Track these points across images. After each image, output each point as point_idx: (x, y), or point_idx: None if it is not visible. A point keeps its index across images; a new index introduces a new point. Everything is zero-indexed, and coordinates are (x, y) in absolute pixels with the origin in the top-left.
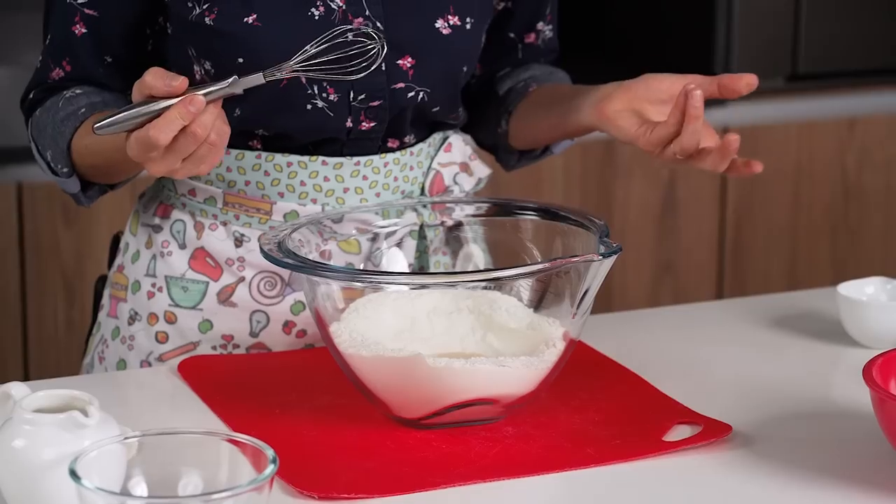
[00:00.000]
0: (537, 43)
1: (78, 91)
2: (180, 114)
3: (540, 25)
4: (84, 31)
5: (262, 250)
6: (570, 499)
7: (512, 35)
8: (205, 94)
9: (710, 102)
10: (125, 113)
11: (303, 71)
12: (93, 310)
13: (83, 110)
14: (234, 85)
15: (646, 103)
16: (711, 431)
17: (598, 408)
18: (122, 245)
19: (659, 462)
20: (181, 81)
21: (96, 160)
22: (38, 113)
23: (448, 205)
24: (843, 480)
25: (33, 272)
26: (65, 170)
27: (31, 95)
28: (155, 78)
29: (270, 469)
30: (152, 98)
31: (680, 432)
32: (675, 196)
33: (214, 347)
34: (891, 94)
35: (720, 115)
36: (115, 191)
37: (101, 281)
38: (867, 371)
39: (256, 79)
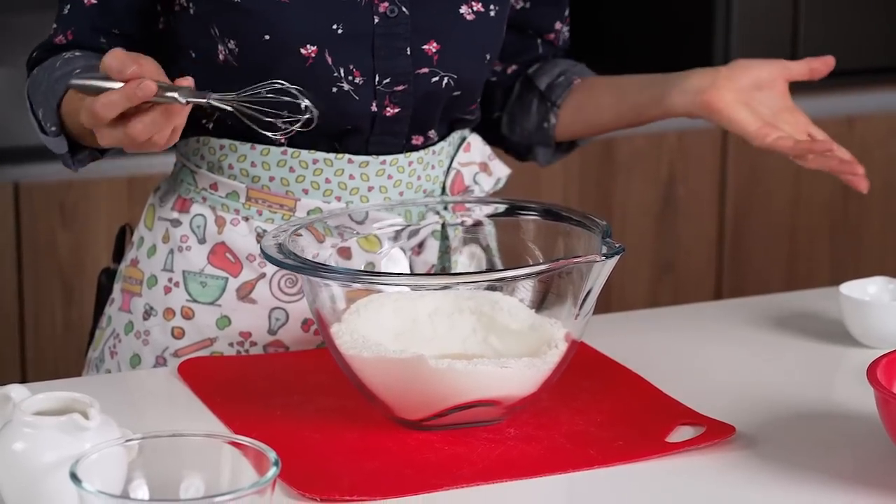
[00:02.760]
0: (558, 43)
1: (77, 53)
2: (126, 95)
3: (558, 25)
4: (94, 1)
5: (262, 251)
6: (572, 500)
7: (531, 32)
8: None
9: None
10: (97, 81)
11: (243, 107)
12: (96, 302)
13: (78, 71)
14: (182, 94)
15: (754, 92)
16: (714, 432)
17: (600, 409)
18: (135, 239)
19: (662, 463)
20: (132, 71)
21: (74, 120)
22: (36, 71)
23: (467, 205)
24: (847, 481)
25: (31, 272)
26: (53, 128)
27: (33, 54)
28: (112, 59)
29: (273, 471)
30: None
31: (683, 433)
32: (674, 195)
33: (231, 344)
34: (890, 93)
35: None
36: (103, 158)
37: (105, 273)
38: (871, 371)
39: (202, 97)
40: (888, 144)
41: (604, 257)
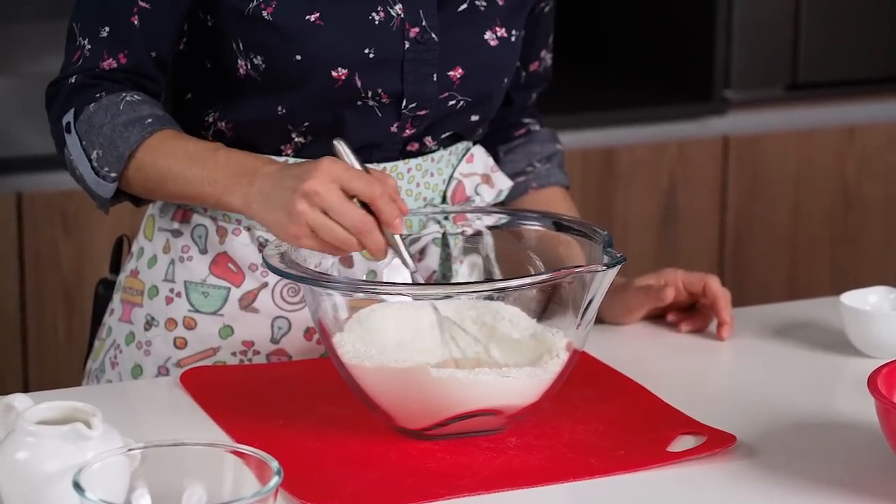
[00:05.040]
0: (539, 70)
1: (137, 97)
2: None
3: (543, 53)
4: (138, 23)
5: (264, 260)
6: None
7: (517, 64)
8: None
9: (709, 111)
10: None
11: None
12: (93, 313)
13: (149, 120)
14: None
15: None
16: (716, 442)
17: (601, 418)
18: (134, 249)
19: (663, 472)
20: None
21: (167, 182)
22: (91, 108)
23: (468, 215)
24: (847, 491)
25: (33, 282)
26: (112, 174)
27: (72, 80)
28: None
29: (275, 481)
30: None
31: (684, 443)
32: (675, 205)
33: (234, 354)
34: (890, 103)
35: (720, 124)
36: (138, 207)
37: (103, 284)
38: (872, 381)
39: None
40: (888, 154)
41: (605, 267)
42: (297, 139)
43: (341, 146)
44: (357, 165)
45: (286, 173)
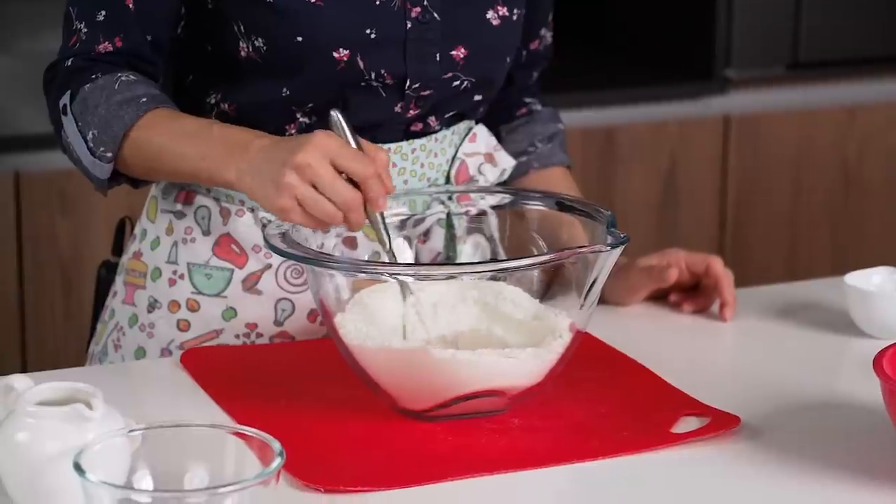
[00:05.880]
0: (539, 48)
1: (132, 77)
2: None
3: (543, 31)
4: (132, 6)
5: (265, 240)
6: (576, 491)
7: (518, 44)
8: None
9: (710, 90)
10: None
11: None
12: (96, 295)
13: (144, 99)
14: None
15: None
16: (719, 423)
17: (604, 399)
18: (137, 231)
19: (667, 454)
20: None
21: (162, 159)
22: (86, 88)
23: (472, 195)
24: (852, 472)
25: (30, 262)
26: (107, 154)
27: (68, 63)
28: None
29: (277, 462)
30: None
31: (688, 424)
32: (675, 184)
33: (237, 336)
34: (892, 83)
35: (721, 103)
36: (136, 188)
37: (105, 266)
38: (877, 362)
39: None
40: (889, 134)
41: (609, 247)
42: (301, 119)
43: (337, 117)
44: (350, 138)
45: (278, 146)
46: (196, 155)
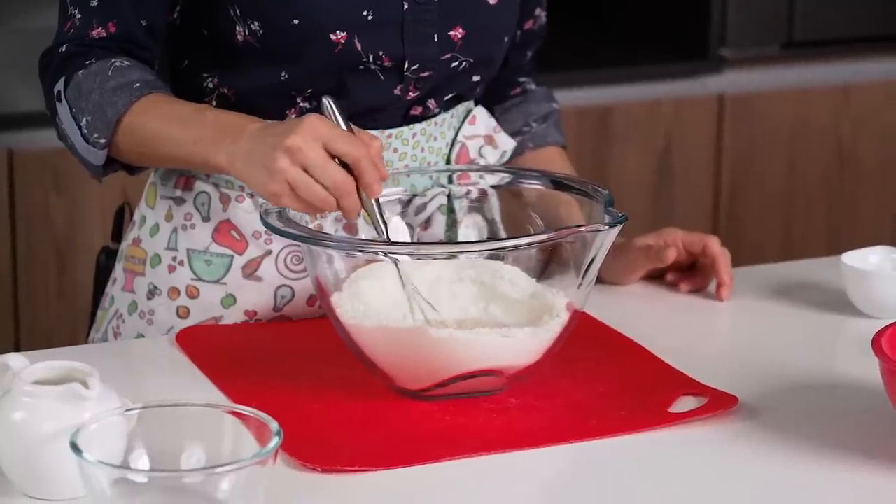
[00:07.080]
0: (534, 28)
1: (126, 62)
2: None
3: (537, 11)
4: None
5: (262, 219)
6: (574, 471)
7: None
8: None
9: (705, 69)
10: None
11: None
12: (95, 282)
13: (137, 84)
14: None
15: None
16: (717, 403)
17: (602, 379)
18: (136, 218)
19: (664, 434)
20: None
21: (155, 144)
22: (80, 74)
23: (472, 175)
24: (850, 451)
25: (24, 240)
26: (101, 140)
27: (62, 49)
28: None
29: (275, 442)
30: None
31: (685, 404)
32: (669, 164)
33: (237, 322)
34: (887, 62)
35: (715, 82)
36: (132, 175)
37: (105, 253)
38: (876, 342)
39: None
40: (884, 113)
41: (607, 226)
42: (301, 104)
43: (329, 104)
44: (343, 124)
45: (270, 130)
46: (189, 139)
